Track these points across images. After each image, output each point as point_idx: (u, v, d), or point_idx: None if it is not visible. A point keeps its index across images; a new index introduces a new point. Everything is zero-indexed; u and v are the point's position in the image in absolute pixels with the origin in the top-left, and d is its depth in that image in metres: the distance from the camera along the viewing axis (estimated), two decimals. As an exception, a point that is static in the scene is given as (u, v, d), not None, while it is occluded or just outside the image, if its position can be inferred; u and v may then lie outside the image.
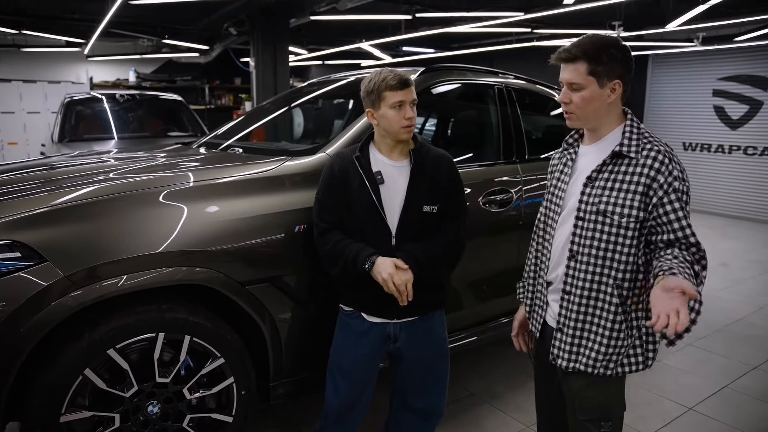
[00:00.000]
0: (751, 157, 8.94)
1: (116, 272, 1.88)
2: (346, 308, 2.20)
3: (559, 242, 1.79)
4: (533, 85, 3.53)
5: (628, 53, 1.67)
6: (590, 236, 1.69)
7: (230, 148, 2.95)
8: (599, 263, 1.69)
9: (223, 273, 2.06)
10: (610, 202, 1.65)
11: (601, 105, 1.66)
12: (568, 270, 1.74)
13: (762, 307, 4.85)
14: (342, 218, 2.11)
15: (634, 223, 1.63)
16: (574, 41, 1.68)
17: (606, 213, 1.66)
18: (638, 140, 1.66)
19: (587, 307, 1.72)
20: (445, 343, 2.30)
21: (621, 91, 1.67)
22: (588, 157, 1.76)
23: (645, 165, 1.61)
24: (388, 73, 2.05)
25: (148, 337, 1.98)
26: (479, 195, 2.85)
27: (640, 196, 1.62)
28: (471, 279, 2.95)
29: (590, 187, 1.70)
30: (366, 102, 2.11)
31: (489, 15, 6.79)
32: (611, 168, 1.67)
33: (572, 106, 1.69)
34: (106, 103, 7.03)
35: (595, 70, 1.63)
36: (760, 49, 8.55)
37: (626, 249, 1.66)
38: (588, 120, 1.71)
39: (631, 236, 1.64)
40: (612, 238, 1.66)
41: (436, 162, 2.15)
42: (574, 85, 1.66)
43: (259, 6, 7.34)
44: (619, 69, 1.64)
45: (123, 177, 2.27)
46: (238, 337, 2.21)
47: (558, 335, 1.79)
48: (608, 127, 1.72)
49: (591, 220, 1.69)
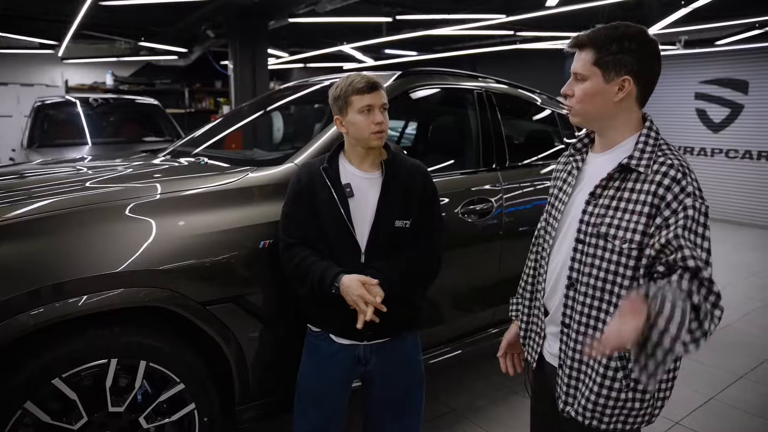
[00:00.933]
0: (733, 160, 8.95)
1: (62, 295, 1.73)
2: (314, 329, 2.07)
3: (556, 264, 1.58)
4: (514, 90, 3.43)
5: (651, 49, 1.42)
6: (590, 263, 1.45)
7: (196, 158, 2.79)
8: (597, 295, 1.45)
9: (180, 293, 1.91)
10: (612, 224, 1.41)
11: (604, 103, 1.43)
12: (567, 300, 1.52)
13: (747, 314, 4.78)
14: (310, 233, 1.98)
15: (636, 250, 1.37)
16: (593, 28, 1.47)
17: (607, 237, 1.41)
18: (652, 152, 1.40)
19: (584, 345, 1.48)
20: (420, 367, 2.17)
21: (633, 89, 1.42)
22: (595, 168, 1.51)
23: (653, 181, 1.36)
24: (355, 77, 1.93)
25: (100, 363, 1.83)
26: (458, 205, 2.73)
27: (646, 219, 1.36)
28: (452, 292, 2.83)
29: (593, 205, 1.46)
30: (334, 109, 1.99)
31: (471, 17, 6.70)
32: (618, 184, 1.42)
33: (572, 99, 1.47)
34: (80, 108, 6.84)
35: (601, 61, 1.41)
36: (741, 53, 8.57)
37: (627, 282, 1.40)
38: (589, 118, 1.48)
39: (633, 266, 1.39)
40: (612, 267, 1.41)
41: (410, 173, 2.03)
42: (578, 75, 1.45)
43: (237, 8, 7.18)
44: (631, 63, 1.40)
45: (77, 190, 2.12)
46: (200, 361, 2.07)
47: (559, 372, 1.57)
48: (620, 134, 1.48)
49: (591, 245, 1.45)
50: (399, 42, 9.11)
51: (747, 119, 8.73)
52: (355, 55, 10.69)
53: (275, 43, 10.07)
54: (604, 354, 1.14)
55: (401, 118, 4.00)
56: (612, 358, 1.41)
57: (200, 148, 3.04)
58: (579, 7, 5.74)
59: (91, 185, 2.17)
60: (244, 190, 2.17)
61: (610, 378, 1.43)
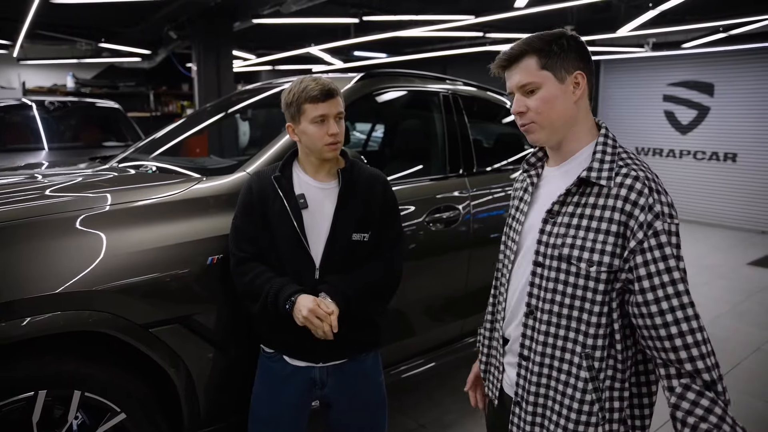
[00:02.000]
0: (701, 162, 9.04)
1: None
2: (267, 350, 1.92)
3: (515, 289, 1.44)
4: (483, 92, 3.32)
5: (583, 44, 1.33)
6: (551, 288, 1.31)
7: (142, 166, 2.61)
8: (563, 324, 1.30)
9: (118, 315, 1.74)
10: (576, 245, 1.27)
11: (566, 105, 1.30)
12: (526, 330, 1.37)
13: (718, 316, 4.77)
14: (263, 246, 1.83)
15: (606, 273, 1.24)
16: (515, 43, 1.34)
17: (571, 259, 1.27)
18: (612, 162, 1.28)
19: (549, 379, 1.34)
20: (381, 389, 2.03)
21: (586, 85, 1.32)
22: (551, 184, 1.39)
23: (619, 196, 1.23)
24: (309, 82, 1.78)
25: (25, 396, 1.65)
26: (423, 213, 2.60)
27: (614, 238, 1.23)
28: (419, 303, 2.70)
29: (551, 224, 1.33)
30: (286, 115, 1.86)
31: (440, 18, 6.61)
32: (577, 199, 1.30)
33: (531, 113, 1.31)
34: (35, 111, 6.53)
35: (548, 63, 1.29)
36: (707, 56, 8.67)
37: (597, 308, 1.26)
38: (555, 129, 1.32)
39: (603, 290, 1.25)
40: (579, 292, 1.27)
41: (369, 183, 1.89)
42: (528, 85, 1.30)
43: (199, 9, 6.97)
44: (576, 60, 1.30)
45: (8, 202, 1.93)
46: (144, 387, 1.90)
47: (516, 410, 1.41)
48: (576, 143, 1.35)
49: (552, 268, 1.31)
50: (368, 44, 8.99)
51: (713, 121, 8.82)
52: (324, 57, 10.54)
53: (242, 44, 9.87)
54: None
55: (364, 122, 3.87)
56: (587, 391, 1.28)
57: (154, 155, 2.85)
58: (548, 8, 5.71)
59: (18, 197, 1.98)
60: (190, 202, 2.00)
61: (586, 413, 1.29)
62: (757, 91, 8.29)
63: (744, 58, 8.33)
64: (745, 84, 8.42)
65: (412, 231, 2.55)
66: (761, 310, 4.97)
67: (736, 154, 8.61)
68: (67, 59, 10.41)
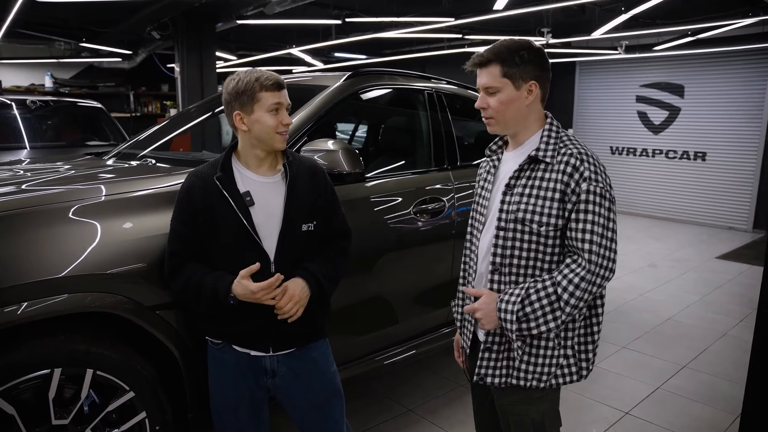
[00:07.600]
0: (672, 161, 9.34)
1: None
2: (215, 341, 1.94)
3: (482, 254, 1.74)
4: (464, 90, 3.47)
5: (543, 55, 1.64)
6: (510, 246, 1.64)
7: (143, 159, 2.71)
8: (521, 273, 1.64)
9: (127, 297, 1.85)
10: (528, 210, 1.60)
11: (519, 107, 1.63)
12: (492, 285, 1.68)
13: (688, 306, 4.99)
14: (202, 248, 1.84)
15: (553, 231, 1.59)
16: (488, 47, 1.65)
17: (525, 221, 1.61)
18: (555, 144, 1.62)
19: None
20: (335, 377, 2.05)
21: (538, 92, 1.63)
22: (509, 164, 1.72)
23: (559, 170, 1.58)
24: (261, 73, 1.80)
25: (42, 374, 1.75)
26: (410, 204, 2.74)
27: (558, 203, 1.57)
28: (406, 291, 2.84)
29: (509, 195, 1.65)
30: (233, 105, 1.81)
31: (419, 20, 6.76)
32: (529, 173, 1.63)
33: (490, 110, 1.65)
34: (16, 110, 6.51)
35: (509, 72, 1.60)
36: (677, 59, 8.97)
37: (548, 258, 1.62)
38: (508, 124, 1.67)
39: (552, 245, 1.60)
40: (533, 246, 1.61)
41: (312, 173, 1.93)
42: (490, 89, 1.63)
43: (183, 9, 7.01)
44: (533, 70, 1.61)
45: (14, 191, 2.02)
46: (151, 367, 2.00)
47: (486, 354, 1.72)
48: (528, 132, 1.68)
49: (510, 229, 1.63)
50: (348, 45, 9.10)
51: (684, 121, 9.13)
52: (305, 58, 10.63)
53: (223, 45, 9.90)
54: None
55: (352, 119, 3.99)
56: None
57: (147, 150, 2.95)
58: (525, 11, 5.88)
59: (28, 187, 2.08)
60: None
61: (544, 341, 1.64)
62: (724, 93, 8.60)
63: (712, 60, 8.65)
64: (713, 86, 8.74)
65: (401, 221, 2.69)
66: (727, 300, 5.22)
67: (706, 153, 8.92)
68: (45, 59, 10.32)
